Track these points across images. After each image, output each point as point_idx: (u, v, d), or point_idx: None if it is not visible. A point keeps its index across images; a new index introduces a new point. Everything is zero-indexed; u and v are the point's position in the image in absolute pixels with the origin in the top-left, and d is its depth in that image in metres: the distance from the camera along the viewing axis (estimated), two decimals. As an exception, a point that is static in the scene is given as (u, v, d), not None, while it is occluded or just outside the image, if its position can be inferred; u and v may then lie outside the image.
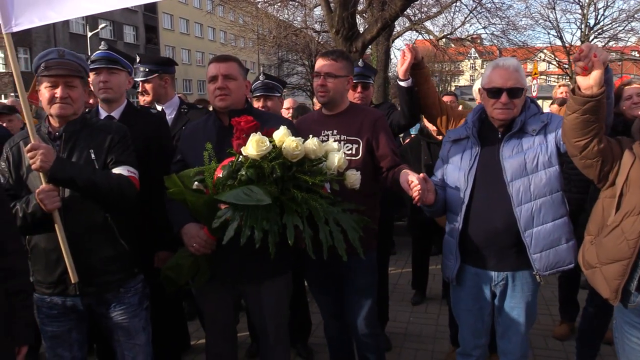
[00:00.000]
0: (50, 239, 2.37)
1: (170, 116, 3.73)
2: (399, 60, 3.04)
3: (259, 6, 18.02)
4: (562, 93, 5.97)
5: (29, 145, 2.29)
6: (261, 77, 4.05)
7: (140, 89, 3.82)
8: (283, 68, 32.70)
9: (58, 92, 2.38)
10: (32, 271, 2.46)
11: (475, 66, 52.89)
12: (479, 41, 23.83)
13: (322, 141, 2.42)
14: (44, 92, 2.41)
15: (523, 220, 2.41)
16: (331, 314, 3.10)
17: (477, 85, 3.24)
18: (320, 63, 2.84)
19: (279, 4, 16.52)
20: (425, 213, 2.73)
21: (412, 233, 5.25)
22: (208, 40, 51.29)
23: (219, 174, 2.27)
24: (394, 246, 6.25)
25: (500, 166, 2.46)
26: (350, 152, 2.78)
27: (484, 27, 18.96)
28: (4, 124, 4.79)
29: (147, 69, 3.72)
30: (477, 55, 38.46)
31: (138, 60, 3.71)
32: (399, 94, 3.19)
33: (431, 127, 4.39)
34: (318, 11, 18.65)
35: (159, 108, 3.80)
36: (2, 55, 30.00)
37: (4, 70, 30.09)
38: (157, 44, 44.64)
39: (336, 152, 2.38)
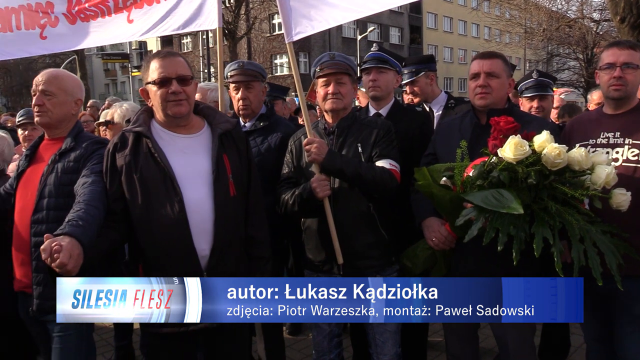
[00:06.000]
0: (320, 223, 2.71)
1: (437, 113, 3.74)
2: None
3: (528, -2, 17.00)
4: None
5: (305, 140, 2.67)
6: (534, 75, 3.87)
7: (408, 91, 3.88)
8: (552, 63, 30.14)
9: (330, 89, 2.70)
10: (305, 250, 2.85)
11: None
12: None
13: (597, 145, 2.17)
14: (319, 90, 2.78)
15: None
16: (596, 338, 2.76)
17: None
18: (614, 53, 2.52)
19: (552, -7, 15.30)
20: None
21: None
22: (471, 37, 50.44)
23: (469, 172, 2.26)
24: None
25: None
26: (636, 158, 2.43)
27: None
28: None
29: (412, 70, 3.77)
30: None
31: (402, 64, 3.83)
32: None
33: None
34: (598, -2, 16.65)
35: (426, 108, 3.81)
36: (287, 60, 34.70)
37: (287, 73, 34.94)
38: (420, 44, 45.87)
39: (606, 166, 2.12)
